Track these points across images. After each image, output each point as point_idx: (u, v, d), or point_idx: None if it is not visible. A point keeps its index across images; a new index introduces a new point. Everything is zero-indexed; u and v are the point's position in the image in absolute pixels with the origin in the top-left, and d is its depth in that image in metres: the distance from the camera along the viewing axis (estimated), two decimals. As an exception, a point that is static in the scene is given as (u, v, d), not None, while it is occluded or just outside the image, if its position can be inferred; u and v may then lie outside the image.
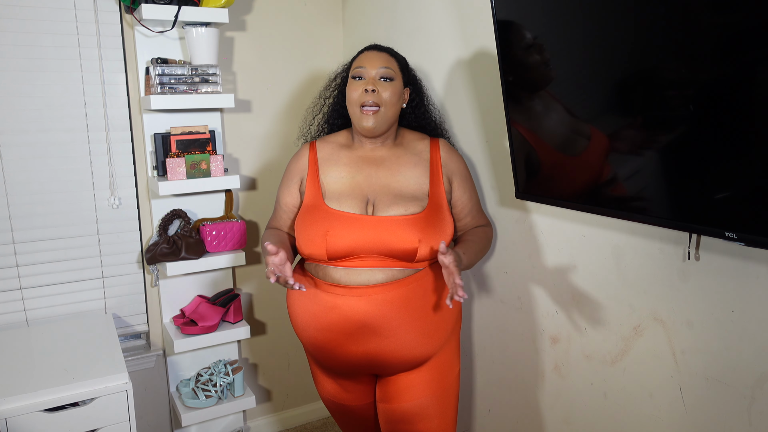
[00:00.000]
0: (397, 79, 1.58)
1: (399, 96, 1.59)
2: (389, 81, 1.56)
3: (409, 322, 1.50)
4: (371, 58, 1.58)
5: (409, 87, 1.66)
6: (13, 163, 1.94)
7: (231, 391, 2.18)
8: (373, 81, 1.55)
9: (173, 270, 2.02)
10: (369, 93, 1.54)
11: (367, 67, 1.56)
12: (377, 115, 1.55)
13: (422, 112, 1.70)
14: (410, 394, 1.58)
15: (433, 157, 1.62)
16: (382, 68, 1.56)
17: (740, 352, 1.17)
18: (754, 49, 0.92)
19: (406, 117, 1.71)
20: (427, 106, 1.74)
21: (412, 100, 1.69)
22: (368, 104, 1.54)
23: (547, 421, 1.69)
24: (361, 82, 1.56)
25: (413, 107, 1.69)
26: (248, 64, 2.27)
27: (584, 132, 1.27)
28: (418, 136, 1.68)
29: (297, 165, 1.68)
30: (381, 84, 1.55)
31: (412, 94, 1.68)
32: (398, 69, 1.60)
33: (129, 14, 2.00)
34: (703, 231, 1.07)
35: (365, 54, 1.60)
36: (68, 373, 1.62)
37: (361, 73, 1.57)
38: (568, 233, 1.54)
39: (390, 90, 1.55)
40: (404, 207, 1.52)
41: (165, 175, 2.02)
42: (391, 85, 1.56)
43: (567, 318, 1.57)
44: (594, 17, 1.17)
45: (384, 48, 1.63)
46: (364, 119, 1.55)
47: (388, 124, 1.59)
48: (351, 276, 1.50)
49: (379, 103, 1.55)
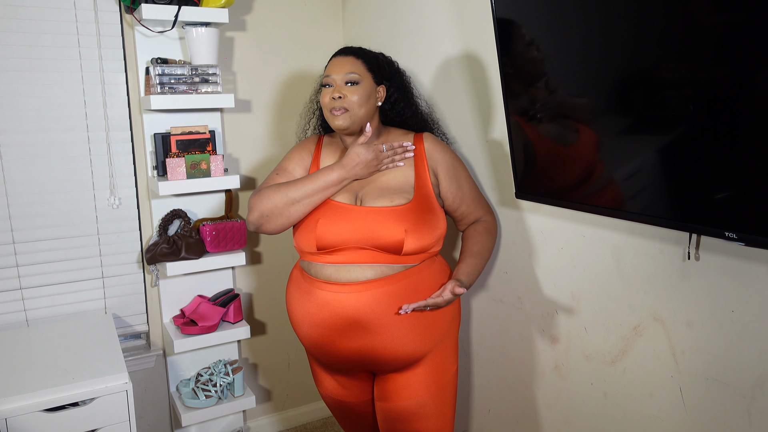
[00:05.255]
0: (364, 81, 1.60)
1: (368, 96, 1.60)
2: (355, 85, 1.59)
3: (401, 318, 1.50)
4: (337, 64, 1.61)
5: (384, 84, 1.66)
6: (13, 163, 1.94)
7: (231, 391, 2.19)
8: (339, 88, 1.58)
9: (173, 270, 2.03)
10: (336, 100, 1.58)
11: (332, 74, 1.60)
12: (345, 114, 1.59)
13: (402, 107, 1.70)
14: (407, 393, 1.58)
15: (418, 150, 1.64)
16: (347, 74, 1.59)
17: (740, 352, 1.17)
18: (754, 49, 0.92)
19: (388, 114, 1.71)
20: (411, 99, 1.73)
21: (390, 96, 1.68)
22: (336, 110, 1.58)
23: (547, 421, 1.69)
24: (329, 89, 1.60)
25: (392, 103, 1.69)
26: (248, 64, 2.27)
27: (584, 132, 1.27)
28: (403, 133, 1.69)
29: (306, 147, 1.73)
30: (347, 89, 1.58)
31: (389, 90, 1.68)
32: (365, 70, 1.61)
33: (129, 14, 2.00)
34: (703, 231, 1.07)
35: (332, 61, 1.63)
36: (68, 373, 1.62)
37: (329, 81, 1.61)
38: (568, 233, 1.54)
39: (357, 93, 1.58)
40: (390, 199, 1.54)
41: (165, 175, 2.02)
42: (357, 89, 1.58)
43: (567, 318, 1.57)
44: (594, 17, 1.17)
45: (350, 51, 1.64)
46: (333, 119, 1.60)
47: (360, 122, 1.61)
48: (341, 273, 1.52)
49: (346, 107, 1.58)
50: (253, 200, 1.60)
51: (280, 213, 1.56)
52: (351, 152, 1.56)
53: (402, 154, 1.61)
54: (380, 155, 1.57)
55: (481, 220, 1.70)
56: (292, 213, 1.56)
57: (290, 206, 1.55)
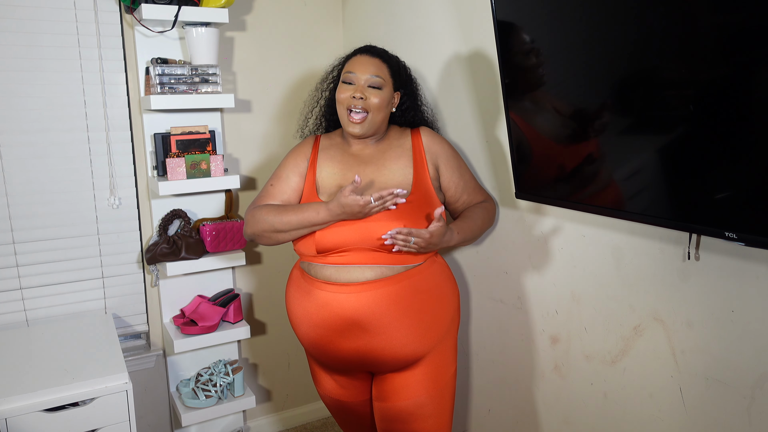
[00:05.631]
0: (386, 87, 1.59)
1: (387, 102, 1.60)
2: (378, 89, 1.58)
3: (400, 319, 1.50)
4: (363, 63, 1.59)
5: (400, 91, 1.66)
6: (13, 163, 1.94)
7: (231, 391, 2.19)
8: (362, 88, 1.57)
9: (173, 270, 2.03)
10: (357, 99, 1.56)
11: (357, 72, 1.58)
12: (364, 122, 1.58)
13: (411, 115, 1.70)
14: (405, 393, 1.58)
15: (416, 145, 1.64)
16: (372, 76, 1.57)
17: (740, 352, 1.17)
18: (754, 49, 0.92)
19: (395, 118, 1.71)
20: (419, 106, 1.73)
21: (402, 104, 1.69)
22: (356, 109, 1.56)
23: (547, 421, 1.69)
24: (350, 87, 1.58)
25: (403, 110, 1.69)
26: (248, 64, 2.27)
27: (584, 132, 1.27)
28: (400, 131, 1.70)
29: (301, 152, 1.69)
30: (369, 91, 1.57)
31: (403, 97, 1.68)
32: (389, 75, 1.60)
33: (129, 14, 2.00)
34: (703, 231, 1.07)
35: (357, 58, 1.61)
36: (68, 373, 1.62)
37: (351, 79, 1.58)
38: (568, 233, 1.54)
39: (379, 97, 1.57)
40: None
41: (165, 175, 2.02)
42: (379, 93, 1.57)
43: (567, 318, 1.57)
44: (594, 16, 1.17)
45: (377, 52, 1.63)
46: (350, 126, 1.59)
47: (375, 128, 1.61)
48: (341, 273, 1.52)
49: (367, 109, 1.57)
50: (247, 216, 1.62)
51: (269, 237, 1.58)
52: (343, 202, 1.46)
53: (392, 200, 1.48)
54: (367, 207, 1.47)
55: (480, 203, 1.70)
56: (280, 239, 1.58)
57: (277, 234, 1.56)
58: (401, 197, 1.48)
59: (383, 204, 1.48)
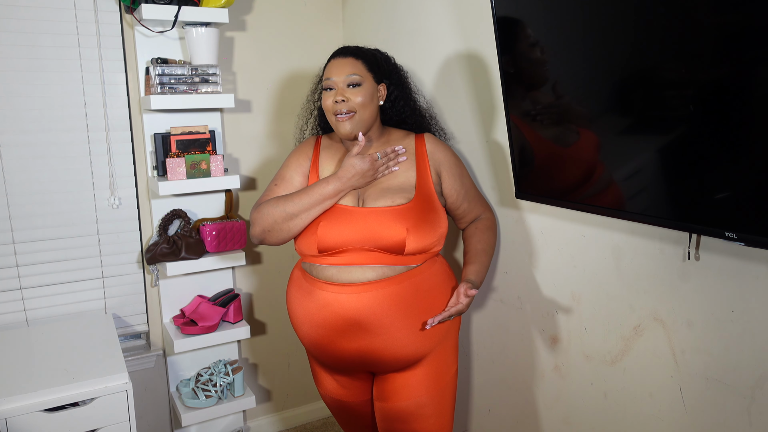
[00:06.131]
0: (366, 81, 1.59)
1: (371, 96, 1.60)
2: (357, 86, 1.58)
3: (401, 319, 1.50)
4: (337, 66, 1.60)
5: (384, 82, 1.65)
6: (13, 163, 1.94)
7: (231, 391, 2.19)
8: (341, 91, 1.57)
9: (173, 270, 2.03)
10: (339, 103, 1.57)
11: (333, 77, 1.59)
12: (353, 119, 1.58)
13: (402, 105, 1.69)
14: (406, 393, 1.58)
15: (419, 151, 1.64)
16: (348, 76, 1.57)
17: (740, 352, 1.17)
18: (754, 49, 0.92)
19: (387, 112, 1.70)
20: (410, 96, 1.73)
21: (390, 94, 1.68)
22: (341, 113, 1.57)
23: (547, 421, 1.69)
24: (331, 93, 1.59)
25: (392, 101, 1.69)
26: (248, 64, 2.27)
27: (584, 132, 1.27)
28: (404, 134, 1.69)
29: (303, 152, 1.70)
30: (349, 91, 1.57)
31: (389, 88, 1.67)
32: (366, 70, 1.60)
33: (129, 14, 2.00)
34: (703, 231, 1.07)
35: (332, 63, 1.62)
36: (68, 373, 1.62)
37: (330, 84, 1.59)
38: (568, 233, 1.54)
39: (360, 94, 1.57)
40: (391, 199, 1.54)
41: (165, 175, 2.02)
42: (360, 90, 1.57)
43: (567, 318, 1.57)
44: (594, 16, 1.17)
45: (349, 51, 1.63)
46: (340, 126, 1.59)
47: (366, 124, 1.60)
48: (342, 274, 1.52)
49: (352, 109, 1.57)
50: (254, 215, 1.60)
51: (281, 228, 1.56)
52: (346, 164, 1.55)
53: (395, 159, 1.61)
54: (375, 164, 1.56)
55: (481, 217, 1.71)
56: (292, 227, 1.55)
57: (289, 221, 1.55)
58: (402, 155, 1.61)
59: (388, 162, 1.59)
